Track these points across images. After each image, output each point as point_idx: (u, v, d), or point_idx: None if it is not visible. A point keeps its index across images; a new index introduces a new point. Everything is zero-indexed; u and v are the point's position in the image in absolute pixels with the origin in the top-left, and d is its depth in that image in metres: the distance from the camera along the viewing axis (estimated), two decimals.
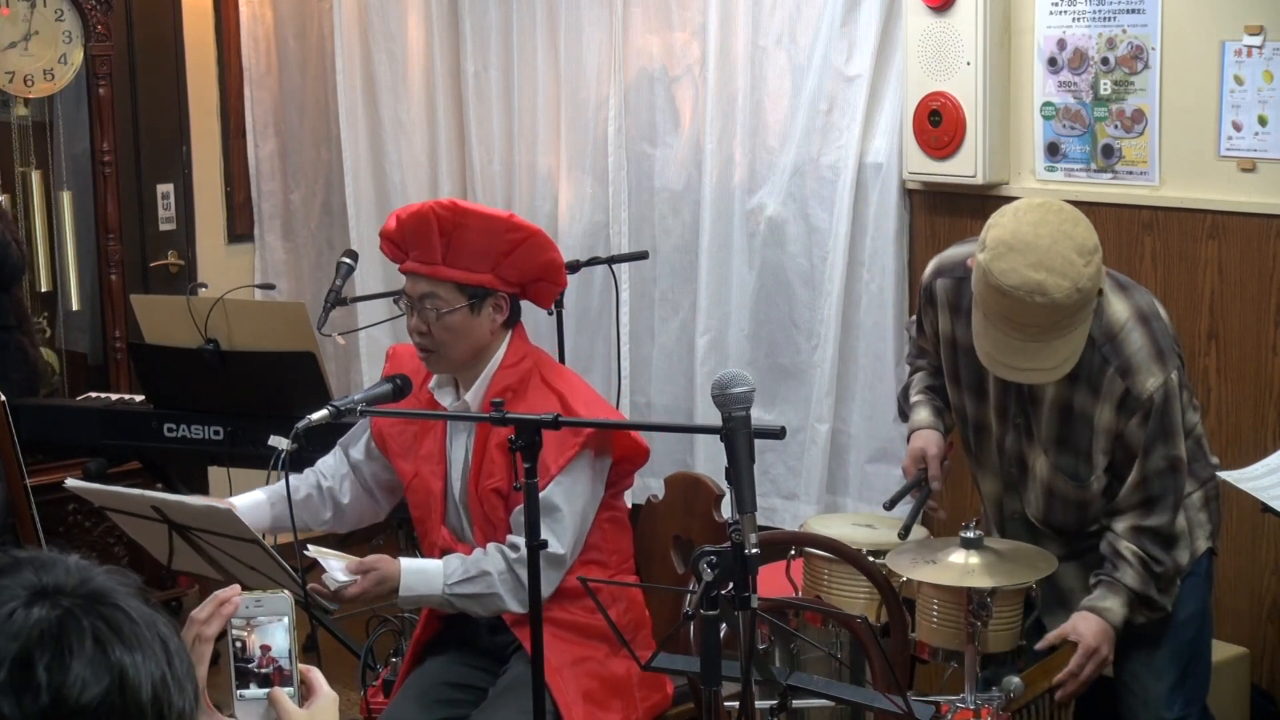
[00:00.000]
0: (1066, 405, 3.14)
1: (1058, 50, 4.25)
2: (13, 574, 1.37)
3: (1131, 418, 3.06)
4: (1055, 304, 2.92)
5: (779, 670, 2.84)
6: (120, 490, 3.57)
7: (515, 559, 3.10)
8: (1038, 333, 2.97)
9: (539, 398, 3.15)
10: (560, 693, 3.15)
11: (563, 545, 3.13)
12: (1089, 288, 2.96)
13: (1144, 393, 3.05)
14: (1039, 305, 2.93)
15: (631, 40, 5.21)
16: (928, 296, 3.34)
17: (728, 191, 4.99)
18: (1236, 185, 3.94)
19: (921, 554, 3.12)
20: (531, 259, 3.17)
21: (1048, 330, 2.97)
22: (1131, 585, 3.13)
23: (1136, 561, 3.13)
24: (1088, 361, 3.07)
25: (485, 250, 3.14)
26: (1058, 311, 2.94)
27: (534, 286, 3.24)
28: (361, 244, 5.65)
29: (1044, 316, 2.94)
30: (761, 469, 4.66)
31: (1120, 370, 3.06)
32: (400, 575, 3.12)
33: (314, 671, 1.84)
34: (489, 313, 3.18)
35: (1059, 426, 3.16)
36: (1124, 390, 3.05)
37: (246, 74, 5.90)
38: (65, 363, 5.43)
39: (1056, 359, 3.00)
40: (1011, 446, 3.26)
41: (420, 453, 3.30)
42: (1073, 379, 3.09)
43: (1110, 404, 3.08)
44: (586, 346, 5.36)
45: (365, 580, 3.11)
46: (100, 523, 5.22)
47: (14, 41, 5.10)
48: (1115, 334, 3.08)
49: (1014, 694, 3.05)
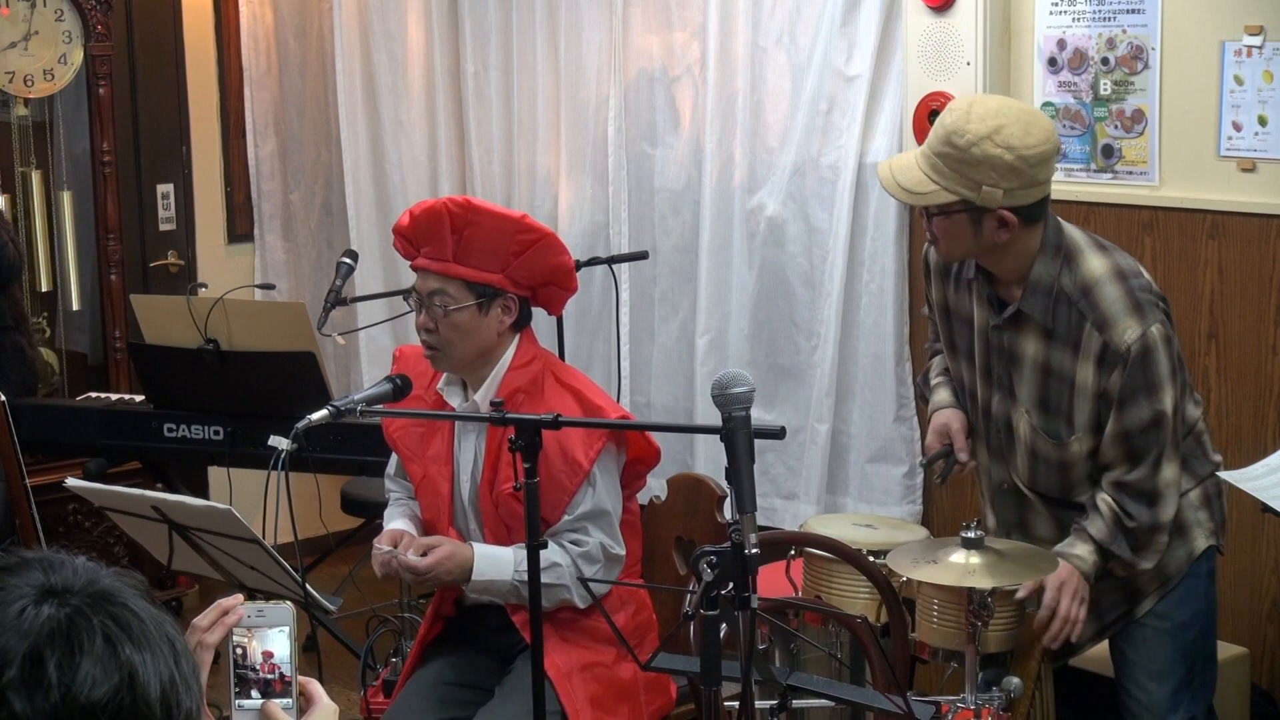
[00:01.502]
0: (1046, 365, 3.13)
1: (1058, 50, 4.25)
2: (22, 573, 1.38)
3: (1112, 372, 3.04)
4: (943, 123, 3.05)
5: (779, 670, 2.84)
6: (120, 490, 3.57)
7: (579, 554, 3.16)
8: (925, 146, 3.08)
9: (555, 397, 3.16)
10: (568, 698, 3.15)
11: (621, 545, 3.21)
12: (974, 147, 3.00)
13: (1121, 345, 3.02)
14: (940, 118, 3.08)
15: (631, 40, 5.21)
16: (925, 267, 3.38)
17: (728, 191, 4.99)
18: (1236, 185, 3.94)
19: (922, 554, 3.12)
20: (542, 261, 3.17)
21: (929, 151, 3.06)
22: (1096, 536, 3.12)
23: (1109, 513, 3.11)
24: (1065, 318, 3.08)
25: (496, 249, 3.13)
26: (940, 131, 3.04)
27: (544, 290, 3.24)
28: (361, 244, 5.66)
29: (934, 129, 3.07)
30: (761, 469, 4.66)
31: (1096, 324, 3.04)
32: (474, 559, 3.14)
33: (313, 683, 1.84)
34: (497, 313, 3.17)
35: (1039, 387, 3.15)
36: (1102, 344, 3.04)
37: (246, 74, 5.90)
38: (65, 363, 5.44)
39: (909, 181, 3.08)
40: (999, 409, 3.25)
41: (428, 454, 3.31)
42: (1050, 337, 3.10)
43: (1090, 360, 3.06)
44: (586, 346, 5.36)
45: (437, 553, 3.13)
46: (100, 523, 5.22)
47: (14, 41, 5.11)
48: (1090, 288, 3.07)
49: (1014, 694, 3.06)
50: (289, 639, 1.86)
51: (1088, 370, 3.07)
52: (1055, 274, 3.09)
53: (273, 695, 1.83)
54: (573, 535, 3.18)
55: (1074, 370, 3.08)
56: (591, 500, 3.17)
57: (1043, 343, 3.12)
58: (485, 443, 3.23)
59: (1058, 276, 3.09)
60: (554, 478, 3.11)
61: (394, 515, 3.42)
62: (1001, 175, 3.00)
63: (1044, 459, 3.20)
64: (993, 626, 3.05)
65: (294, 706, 1.83)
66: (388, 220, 5.77)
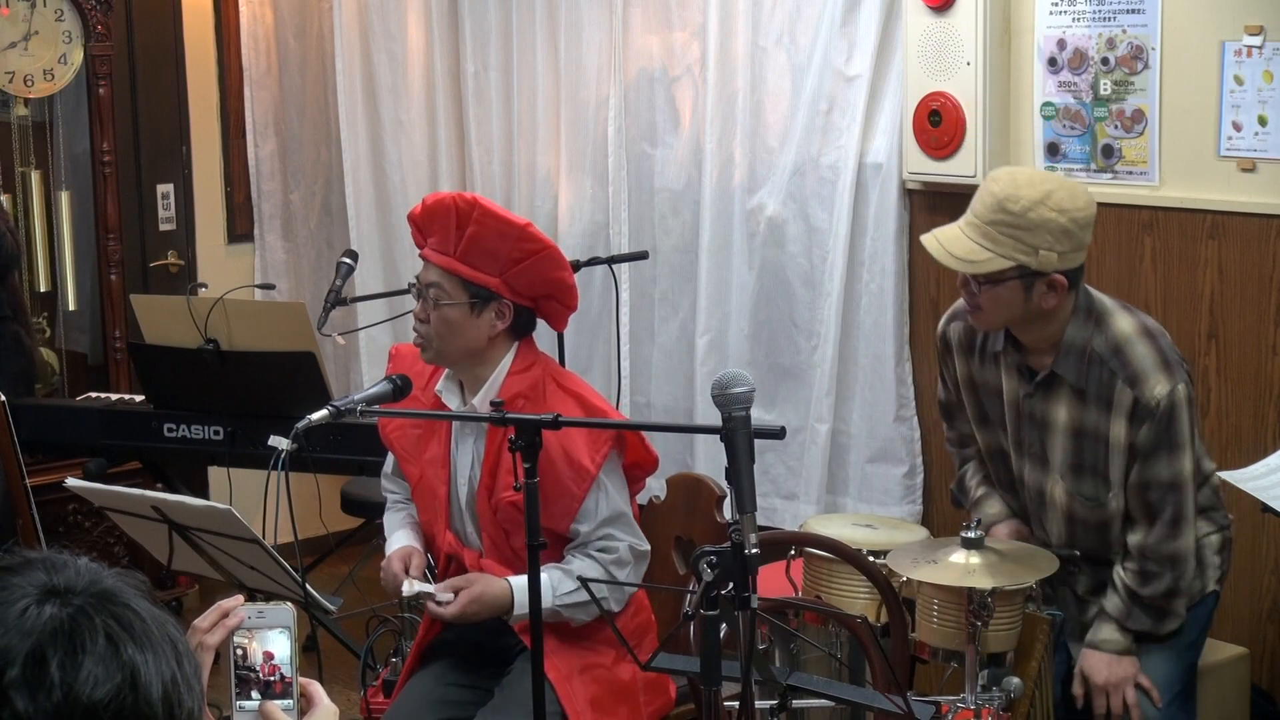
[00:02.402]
0: (1078, 428, 3.19)
1: (1058, 50, 4.25)
2: (25, 573, 1.38)
3: (1141, 426, 3.11)
4: (991, 192, 3.11)
5: (779, 670, 2.84)
6: (120, 490, 3.57)
7: (610, 561, 3.17)
8: (972, 217, 3.14)
9: (557, 402, 3.15)
10: (568, 700, 3.15)
11: (644, 540, 3.23)
12: (1030, 212, 3.07)
13: (1151, 399, 3.09)
14: (986, 189, 3.14)
15: (631, 40, 5.21)
16: (944, 345, 3.43)
17: (728, 191, 4.99)
18: (1236, 185, 3.93)
19: (922, 554, 3.12)
20: (540, 273, 3.16)
21: (977, 221, 3.12)
22: (1115, 615, 3.21)
23: (1123, 589, 3.20)
24: (1096, 379, 3.14)
25: (497, 253, 3.12)
26: (990, 200, 3.10)
27: (545, 304, 3.22)
28: (361, 244, 5.65)
29: (981, 200, 3.13)
30: (761, 469, 4.66)
31: (1128, 380, 3.12)
32: (512, 595, 3.14)
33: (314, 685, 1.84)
34: (490, 317, 3.16)
35: (1072, 452, 3.21)
36: (1133, 399, 3.11)
37: (246, 74, 5.90)
38: (65, 363, 5.44)
39: (962, 250, 3.13)
40: (1031, 478, 3.31)
41: (425, 456, 3.30)
42: (1083, 400, 3.16)
43: (1122, 416, 3.13)
44: (586, 346, 5.36)
45: (465, 596, 3.13)
46: (100, 523, 5.22)
47: (14, 41, 5.11)
48: (1121, 346, 3.15)
49: (1014, 694, 3.06)
50: (289, 640, 1.86)
51: (1120, 426, 3.14)
52: (1088, 336, 3.16)
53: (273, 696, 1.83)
54: (600, 544, 3.19)
55: (1107, 428, 3.15)
56: (607, 505, 3.17)
57: (1074, 406, 3.19)
58: (484, 447, 3.22)
59: (1090, 339, 3.16)
60: (560, 484, 3.10)
61: (395, 524, 3.42)
62: (1056, 239, 3.08)
63: (1081, 522, 3.26)
64: (993, 626, 3.05)
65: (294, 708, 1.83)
66: (388, 220, 5.77)
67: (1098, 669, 3.20)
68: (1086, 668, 3.22)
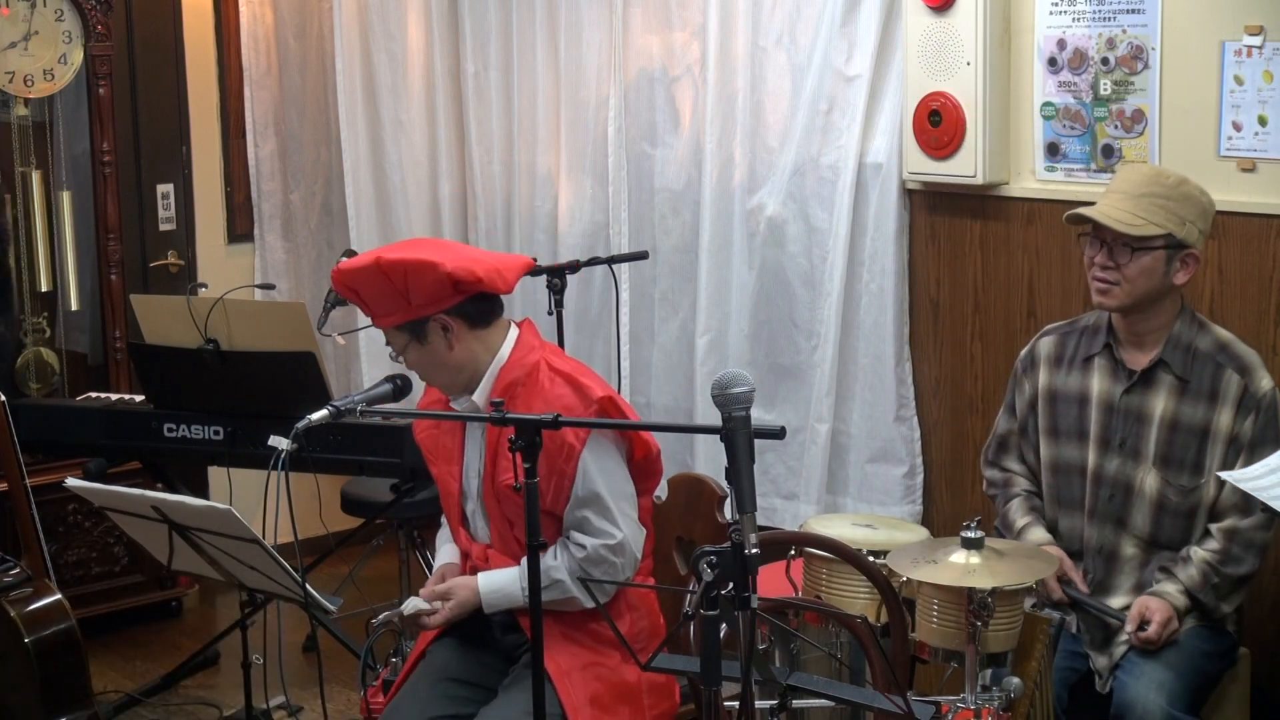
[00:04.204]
0: (1175, 420, 3.39)
1: (1058, 50, 4.25)
2: None
3: (1248, 416, 3.35)
4: (1140, 170, 3.50)
5: (779, 670, 2.84)
6: (120, 490, 3.58)
7: (583, 558, 3.17)
8: (1121, 192, 3.40)
9: (548, 384, 3.19)
10: (567, 696, 3.16)
11: (619, 529, 3.18)
12: (1181, 186, 3.38)
13: (1260, 389, 3.36)
14: (1132, 169, 3.53)
15: (631, 40, 5.21)
16: (1029, 362, 3.63)
17: (728, 191, 4.99)
18: (1236, 185, 3.94)
19: (922, 554, 3.12)
20: (424, 286, 3.13)
21: (1131, 192, 3.38)
22: (1186, 584, 3.37)
23: (1201, 564, 3.36)
24: (1200, 371, 3.39)
25: (385, 295, 3.16)
26: (1139, 177, 3.41)
27: (462, 292, 3.18)
28: (361, 244, 5.65)
29: (1127, 179, 3.44)
30: (761, 469, 4.66)
31: (1238, 369, 3.37)
32: (480, 598, 3.24)
33: None
34: (438, 335, 3.18)
35: (1166, 443, 3.40)
36: (1242, 387, 3.36)
37: (246, 74, 5.90)
38: (65, 363, 5.43)
39: (1123, 216, 3.36)
40: (1116, 472, 3.46)
41: (441, 455, 3.34)
42: (1183, 392, 3.37)
43: (1230, 405, 3.36)
44: (586, 346, 5.36)
45: (447, 609, 3.26)
46: (100, 523, 5.22)
47: (14, 41, 5.11)
48: (1226, 345, 3.42)
49: (1014, 694, 3.06)
50: None
51: (1226, 415, 3.37)
52: (1193, 336, 3.43)
53: None
54: (573, 533, 3.19)
55: (1207, 418, 3.37)
56: (583, 485, 3.17)
57: (1174, 398, 3.41)
58: (486, 440, 3.24)
59: (1194, 338, 3.43)
60: (551, 462, 3.12)
61: (443, 538, 3.51)
62: (1198, 216, 3.40)
63: (1171, 511, 3.42)
64: (993, 626, 3.05)
65: None
66: (388, 220, 5.77)
67: (1160, 608, 3.34)
68: (1151, 604, 3.34)
